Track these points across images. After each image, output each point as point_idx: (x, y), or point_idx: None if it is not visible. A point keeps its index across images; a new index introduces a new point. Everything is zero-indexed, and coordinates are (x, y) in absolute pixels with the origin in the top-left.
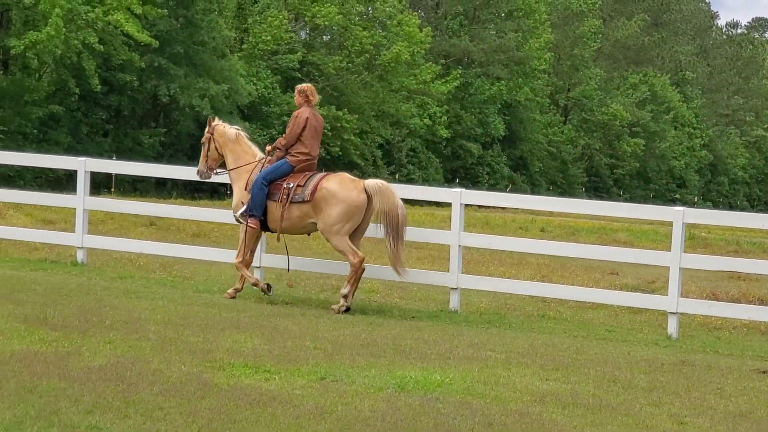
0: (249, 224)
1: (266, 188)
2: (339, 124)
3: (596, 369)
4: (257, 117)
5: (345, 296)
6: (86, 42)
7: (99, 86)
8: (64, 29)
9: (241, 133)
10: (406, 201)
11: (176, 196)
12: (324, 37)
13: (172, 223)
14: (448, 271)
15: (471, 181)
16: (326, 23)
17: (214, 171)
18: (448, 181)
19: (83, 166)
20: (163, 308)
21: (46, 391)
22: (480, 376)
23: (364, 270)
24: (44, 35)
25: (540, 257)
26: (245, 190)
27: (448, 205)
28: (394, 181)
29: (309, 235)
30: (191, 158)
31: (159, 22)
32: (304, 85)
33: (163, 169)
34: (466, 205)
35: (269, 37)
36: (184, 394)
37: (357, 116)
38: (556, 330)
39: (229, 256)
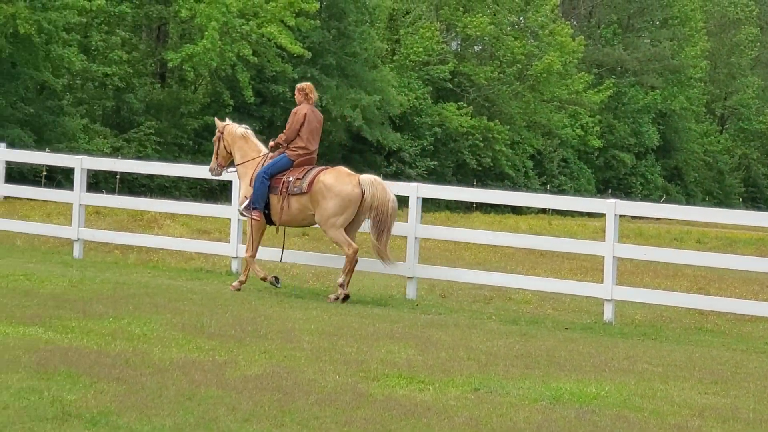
0: (253, 217)
1: (267, 182)
2: (490, 135)
3: (756, 383)
4: (408, 128)
5: (341, 285)
6: (240, 54)
7: (252, 98)
8: (219, 42)
9: (249, 131)
10: (558, 212)
11: None
12: (475, 47)
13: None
14: (601, 282)
15: (623, 191)
16: (478, 33)
17: (225, 169)
18: (600, 191)
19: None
20: (317, 318)
21: (204, 399)
22: (637, 389)
23: (357, 261)
24: (200, 48)
25: (696, 269)
26: (249, 185)
27: (601, 215)
28: (546, 191)
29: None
30: None
31: (312, 34)
32: (303, 83)
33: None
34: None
35: (421, 48)
36: (339, 403)
37: (508, 127)
38: (714, 343)
39: (381, 266)
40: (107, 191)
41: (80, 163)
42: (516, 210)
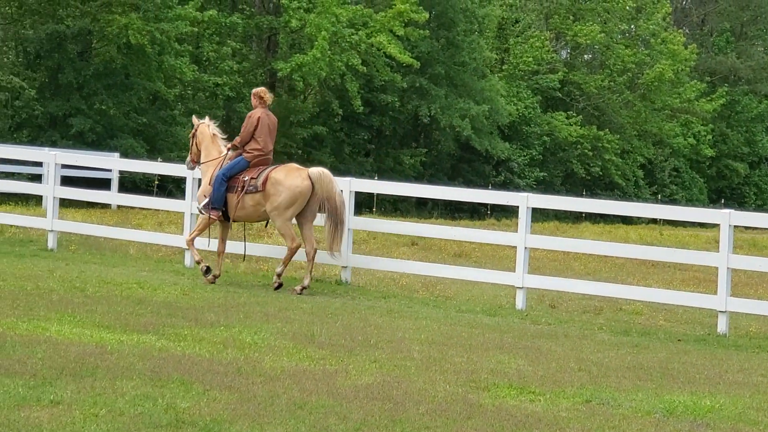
0: (211, 215)
1: (226, 183)
2: (600, 144)
3: None
4: (517, 137)
5: (279, 274)
6: (350, 64)
7: (361, 107)
8: (328, 52)
9: (217, 133)
10: (669, 222)
11: (437, 216)
12: (585, 56)
13: (434, 243)
14: (715, 293)
15: (737, 201)
16: (588, 42)
17: (198, 164)
18: (713, 201)
19: (348, 186)
20: (427, 328)
21: (315, 407)
22: (752, 403)
23: (316, 251)
24: (310, 58)
25: None
26: (209, 184)
27: (714, 226)
28: (656, 201)
29: (266, 226)
30: (451, 178)
31: (420, 44)
32: (258, 88)
33: (424, 188)
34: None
35: (530, 58)
36: (450, 414)
37: (618, 136)
38: None
39: (493, 276)
40: None
41: (192, 173)
42: (626, 220)
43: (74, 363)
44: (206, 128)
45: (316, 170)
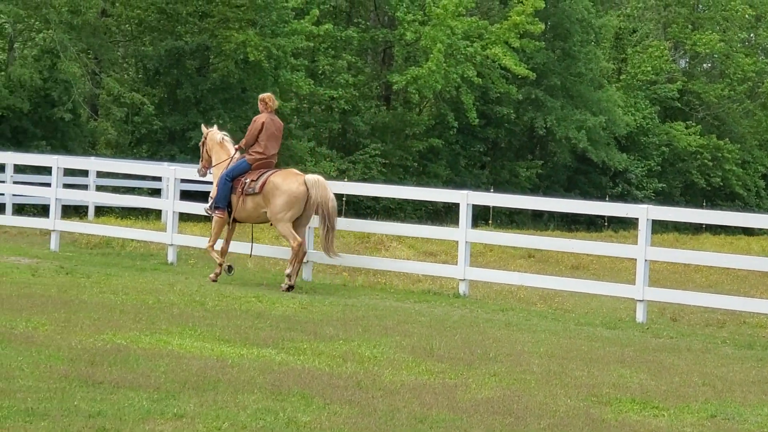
0: (216, 215)
1: (229, 183)
2: (720, 154)
3: None
4: (635, 148)
5: (289, 276)
6: (465, 76)
7: (477, 119)
8: (444, 64)
9: (226, 137)
10: None
11: (553, 228)
12: (704, 65)
13: (551, 255)
14: None
15: None
16: (707, 51)
17: (209, 170)
18: None
19: (465, 198)
20: (546, 341)
21: (436, 422)
22: None
23: (305, 253)
24: (425, 70)
25: None
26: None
27: None
28: None
29: (272, 225)
30: (567, 190)
31: (536, 55)
32: (264, 94)
33: (541, 201)
34: None
35: (649, 67)
36: (572, 428)
37: (739, 146)
38: None
39: (612, 289)
40: None
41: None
42: (747, 231)
43: (196, 376)
44: (215, 135)
45: (312, 176)
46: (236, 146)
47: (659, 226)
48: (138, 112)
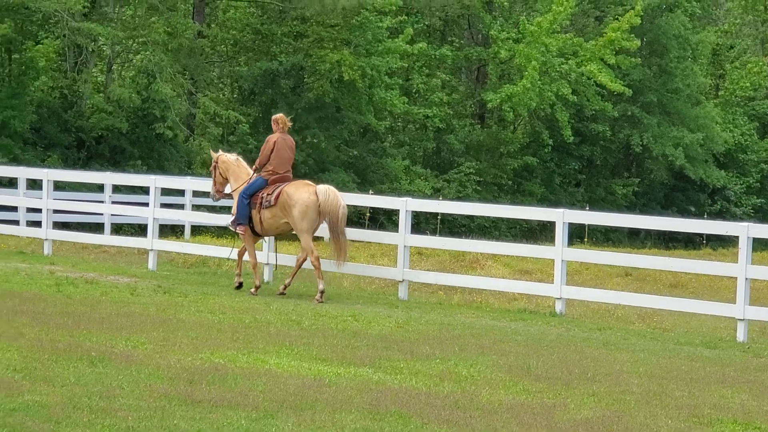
0: (238, 231)
1: (247, 200)
2: None
3: None
4: (734, 165)
5: (322, 293)
6: (560, 93)
7: (572, 137)
8: (538, 81)
9: (240, 157)
10: None
11: (650, 246)
12: None
13: (648, 274)
14: None
15: None
16: None
17: (223, 194)
18: None
19: (561, 217)
20: (645, 361)
21: None
22: None
23: (319, 263)
24: (519, 88)
25: None
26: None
27: None
28: None
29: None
30: (664, 207)
31: (632, 71)
32: (276, 115)
33: (638, 218)
34: None
35: (747, 83)
36: None
37: None
38: None
39: (712, 308)
40: (428, 232)
41: (405, 205)
42: None
43: (294, 396)
44: (226, 158)
45: (323, 186)
46: (253, 167)
47: (759, 244)
48: (233, 132)
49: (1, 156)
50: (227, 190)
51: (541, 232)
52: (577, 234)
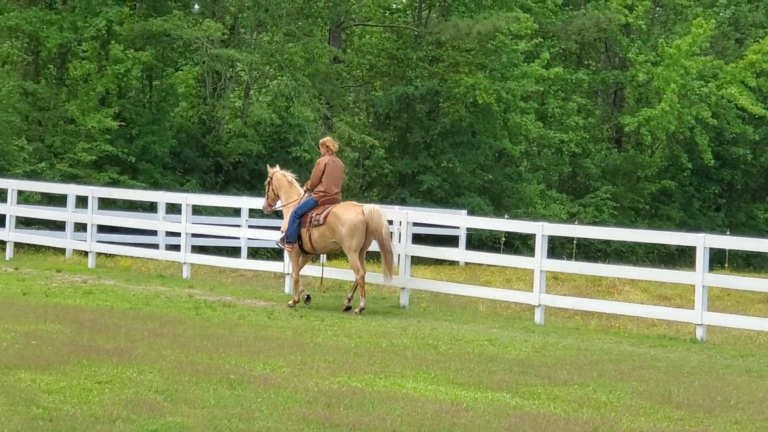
0: (286, 248)
1: (298, 220)
2: None
3: None
4: None
5: (362, 309)
6: (699, 117)
7: (712, 160)
8: (677, 105)
9: (293, 179)
10: None
11: None
12: None
13: None
14: None
15: None
16: None
17: (273, 208)
18: None
19: (702, 242)
20: None
21: None
22: None
23: (363, 282)
24: (658, 111)
25: None
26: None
27: None
28: None
29: None
30: None
31: None
32: (324, 138)
33: None
34: None
35: None
36: None
37: None
38: None
39: None
40: (564, 256)
41: (541, 230)
42: None
43: (431, 420)
44: (281, 176)
45: (368, 206)
46: (304, 188)
47: None
48: (369, 156)
49: (142, 180)
50: (277, 205)
51: (680, 257)
52: (717, 259)
